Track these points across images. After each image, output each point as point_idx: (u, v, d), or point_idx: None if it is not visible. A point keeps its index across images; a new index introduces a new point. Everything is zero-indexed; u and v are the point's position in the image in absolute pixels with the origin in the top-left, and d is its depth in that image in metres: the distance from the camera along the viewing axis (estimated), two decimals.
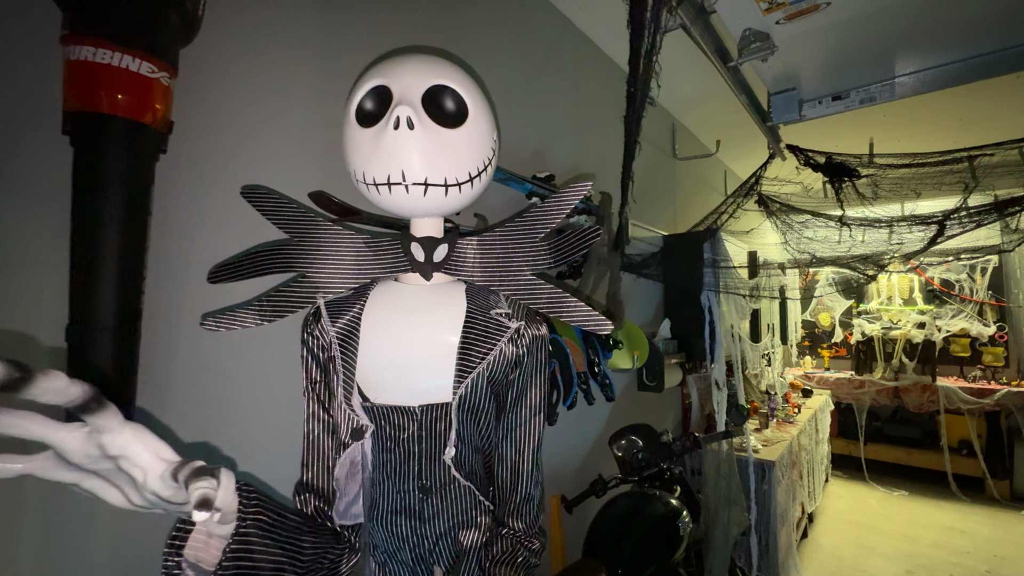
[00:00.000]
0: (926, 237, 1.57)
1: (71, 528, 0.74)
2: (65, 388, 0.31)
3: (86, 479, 0.36)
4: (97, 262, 0.76)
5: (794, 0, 1.00)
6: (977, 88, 2.22)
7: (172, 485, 0.36)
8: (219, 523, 0.46)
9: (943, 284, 4.34)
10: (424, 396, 0.61)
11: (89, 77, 0.72)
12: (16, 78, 0.75)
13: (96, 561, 0.75)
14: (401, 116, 0.52)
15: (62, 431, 0.33)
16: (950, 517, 3.46)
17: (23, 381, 0.29)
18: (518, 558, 0.64)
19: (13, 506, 0.70)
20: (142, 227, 0.80)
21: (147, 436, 0.36)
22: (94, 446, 0.34)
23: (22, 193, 0.74)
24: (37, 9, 0.74)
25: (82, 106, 0.73)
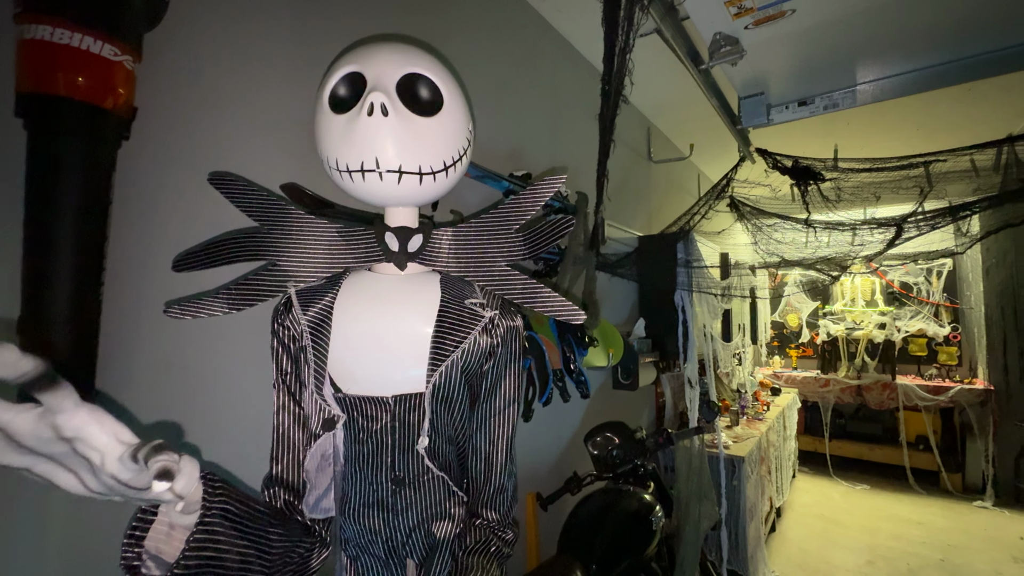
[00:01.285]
0: (885, 239, 1.64)
1: (21, 518, 0.70)
2: (15, 361, 0.29)
3: (38, 463, 0.34)
4: (52, 252, 0.72)
5: (761, 6, 1.04)
6: (934, 97, 2.34)
7: (132, 467, 0.34)
8: (182, 512, 0.44)
9: (902, 287, 4.54)
10: (397, 386, 0.60)
11: (46, 57, 0.69)
12: None
13: (49, 553, 0.72)
14: (375, 102, 0.51)
15: (11, 411, 0.32)
16: (908, 509, 3.61)
17: None
18: (491, 547, 0.64)
19: None
20: (102, 216, 0.77)
21: (104, 417, 0.34)
22: (47, 427, 0.33)
23: None
24: None
25: (37, 88, 0.70)
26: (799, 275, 4.66)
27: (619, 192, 2.47)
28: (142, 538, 0.44)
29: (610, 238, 2.26)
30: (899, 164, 1.48)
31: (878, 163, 1.52)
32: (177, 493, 0.40)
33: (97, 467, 0.34)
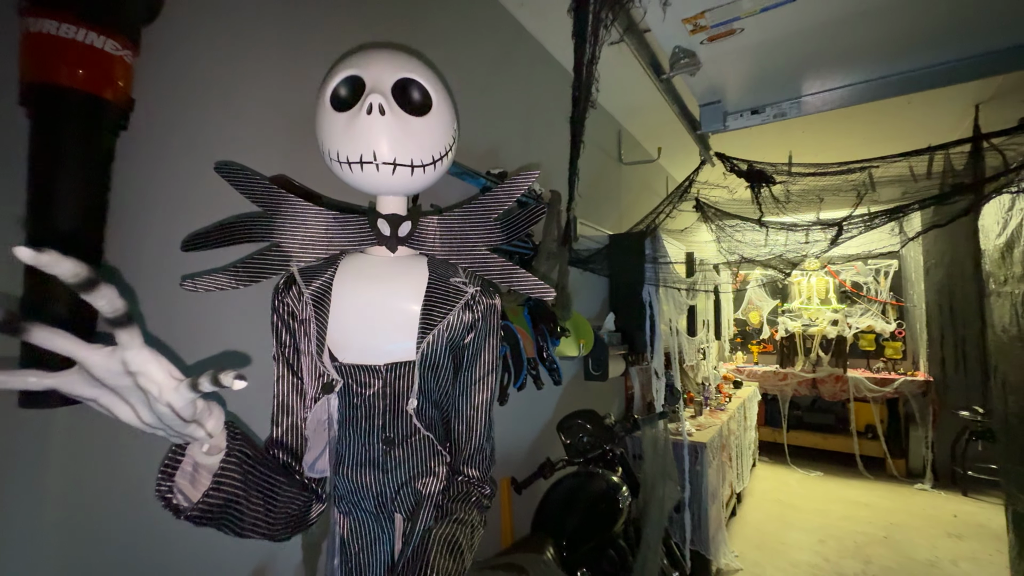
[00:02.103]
0: (828, 238, 1.81)
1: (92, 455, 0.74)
2: (115, 298, 0.35)
3: (104, 395, 0.40)
4: (54, 234, 0.76)
5: (714, 24, 1.15)
6: (878, 108, 2.56)
7: (187, 396, 0.41)
8: (206, 454, 0.51)
9: (854, 286, 4.85)
10: (389, 356, 0.68)
11: (51, 50, 0.73)
12: None
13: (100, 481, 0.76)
14: (374, 103, 0.59)
15: (88, 349, 0.38)
16: (856, 493, 3.87)
17: (92, 284, 0.34)
18: (472, 497, 0.71)
19: None
20: (101, 202, 0.81)
21: (161, 357, 0.40)
22: (117, 362, 0.38)
23: None
24: None
25: (42, 78, 0.74)
26: (760, 274, 4.92)
27: (591, 192, 2.58)
28: (172, 474, 0.50)
29: (582, 235, 2.37)
30: (839, 170, 1.64)
31: (821, 168, 1.68)
32: (208, 431, 0.47)
33: (154, 398, 0.40)
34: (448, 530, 0.65)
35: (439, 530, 0.65)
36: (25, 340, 0.34)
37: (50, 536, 0.76)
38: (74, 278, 0.33)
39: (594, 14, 0.89)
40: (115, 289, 0.36)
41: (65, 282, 0.33)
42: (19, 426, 0.74)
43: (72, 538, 0.78)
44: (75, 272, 0.33)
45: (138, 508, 0.85)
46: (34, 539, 0.75)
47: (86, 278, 0.34)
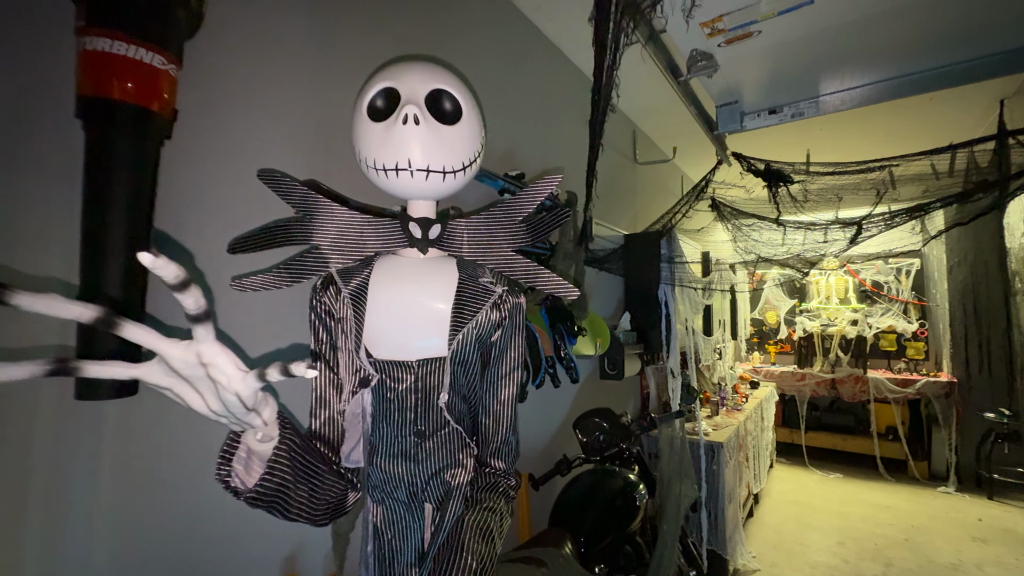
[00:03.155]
0: (847, 237, 1.80)
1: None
2: (200, 298, 0.39)
3: (178, 384, 0.44)
4: (106, 237, 0.81)
5: (731, 27, 1.17)
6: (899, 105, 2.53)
7: (253, 384, 0.45)
8: (260, 441, 0.55)
9: (874, 285, 4.77)
10: (420, 352, 0.71)
11: (104, 66, 0.78)
12: (30, 64, 0.79)
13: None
14: (409, 114, 0.62)
15: (168, 343, 0.42)
16: (877, 495, 3.82)
17: (185, 285, 0.38)
18: (499, 487, 0.75)
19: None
20: (147, 206, 0.86)
21: (229, 351, 0.45)
22: (192, 355, 0.42)
23: (36, 171, 0.79)
24: (45, 1, 0.80)
25: (96, 92, 0.79)
26: (777, 273, 4.86)
27: (606, 192, 2.60)
28: (230, 459, 0.55)
29: (597, 235, 2.39)
30: (858, 168, 1.64)
31: (840, 167, 1.67)
32: (264, 420, 0.51)
33: (223, 387, 0.44)
34: (480, 517, 0.68)
35: (471, 517, 0.68)
36: (118, 335, 0.38)
37: (104, 516, 0.81)
38: (175, 279, 0.37)
39: (615, 22, 0.91)
40: (200, 290, 0.39)
41: (165, 282, 0.37)
42: (76, 416, 0.80)
43: (122, 519, 0.84)
44: (177, 274, 0.37)
45: (180, 493, 0.91)
46: (91, 518, 0.80)
47: (183, 280, 0.38)
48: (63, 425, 0.79)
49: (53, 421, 0.78)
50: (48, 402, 0.78)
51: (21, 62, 0.78)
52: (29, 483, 0.76)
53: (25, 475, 0.75)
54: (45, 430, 0.77)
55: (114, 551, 0.83)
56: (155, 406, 0.87)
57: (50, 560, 0.76)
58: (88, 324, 0.36)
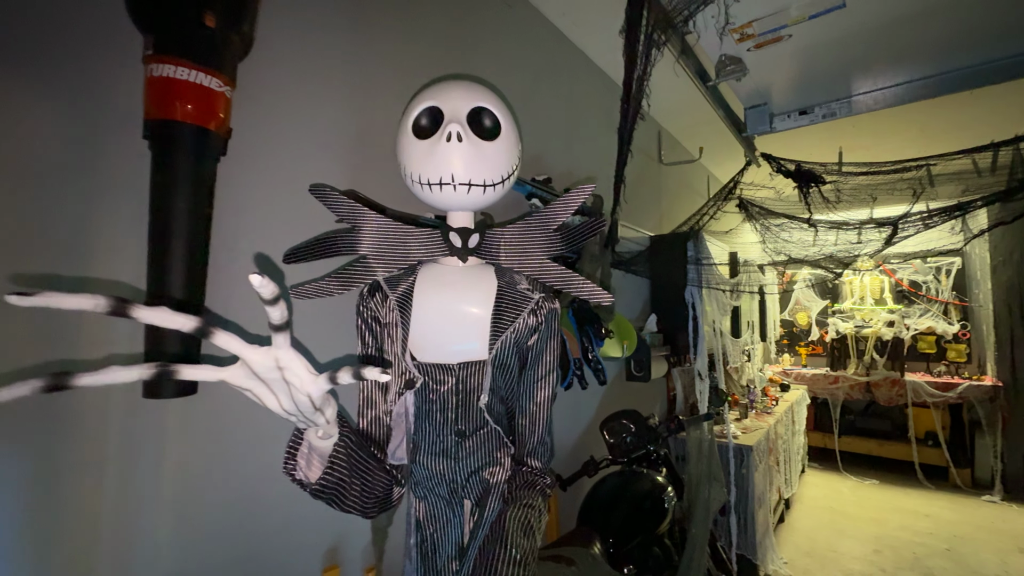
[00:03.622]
0: (883, 238, 1.76)
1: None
2: (284, 310, 0.44)
3: (257, 386, 0.49)
4: (170, 247, 0.88)
5: (761, 32, 1.17)
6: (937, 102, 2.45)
7: (324, 385, 0.50)
8: (320, 438, 0.60)
9: (911, 285, 4.61)
10: (461, 356, 0.75)
11: (169, 91, 0.85)
12: (103, 92, 0.87)
13: None
14: (453, 131, 0.66)
15: (251, 349, 0.47)
16: (916, 503, 3.69)
17: (276, 300, 0.43)
18: (536, 485, 0.78)
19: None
20: (206, 217, 0.93)
21: (302, 357, 0.49)
22: (271, 359, 0.47)
23: (109, 188, 0.86)
24: (119, 34, 0.87)
25: (161, 115, 0.86)
26: (808, 273, 4.75)
27: (631, 193, 2.59)
28: (295, 454, 0.60)
29: (623, 237, 2.39)
30: (893, 168, 1.60)
31: (874, 167, 1.64)
32: (327, 419, 0.56)
33: (296, 389, 0.49)
34: (520, 512, 0.71)
35: (513, 512, 0.72)
36: (212, 341, 0.43)
37: (167, 505, 0.88)
38: (271, 296, 0.42)
39: (646, 35, 0.93)
40: (285, 304, 0.44)
41: (261, 297, 0.42)
42: (144, 412, 0.87)
43: (183, 508, 0.90)
44: (273, 292, 0.42)
45: (234, 485, 0.97)
46: (157, 505, 0.87)
47: (277, 295, 0.42)
48: (132, 421, 0.86)
49: (124, 418, 0.85)
50: (119, 400, 0.85)
51: (96, 90, 0.86)
52: (104, 471, 0.83)
53: (101, 465, 0.82)
54: (117, 425, 0.84)
55: (176, 535, 0.89)
56: (212, 405, 0.93)
57: (123, 540, 0.83)
58: (189, 333, 0.41)
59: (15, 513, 0.72)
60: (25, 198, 0.75)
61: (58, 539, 0.76)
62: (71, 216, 0.81)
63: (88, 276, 0.82)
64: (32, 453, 0.74)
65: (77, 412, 0.80)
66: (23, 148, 0.76)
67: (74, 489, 0.79)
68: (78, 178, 0.82)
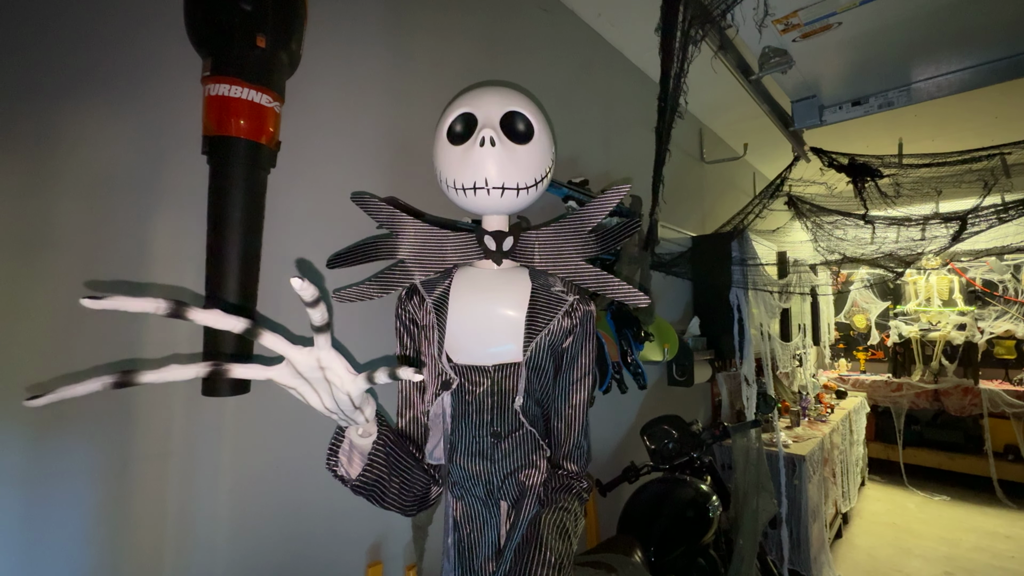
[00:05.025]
0: (949, 234, 1.63)
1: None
2: (325, 312, 0.47)
3: (301, 385, 0.52)
4: (226, 254, 0.94)
5: (808, 21, 1.11)
6: (1008, 89, 2.25)
7: (362, 385, 0.52)
8: (360, 436, 0.63)
9: (985, 285, 4.23)
10: (496, 357, 0.76)
11: (225, 108, 0.91)
12: (165, 111, 0.94)
13: None
14: (486, 136, 0.67)
15: (295, 349, 0.50)
16: (994, 522, 3.38)
17: (317, 302, 0.45)
18: (572, 489, 0.77)
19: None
20: (258, 227, 0.98)
21: (342, 357, 0.52)
22: (313, 359, 0.50)
23: (171, 201, 0.93)
24: (182, 58, 0.94)
25: (218, 131, 0.92)
26: (866, 273, 4.46)
27: (672, 193, 2.54)
28: (337, 451, 0.63)
29: (663, 238, 2.34)
30: (961, 158, 1.48)
31: (938, 158, 1.52)
32: (366, 417, 0.58)
33: (336, 388, 0.52)
34: (556, 516, 0.71)
35: (548, 515, 0.72)
36: (259, 342, 0.46)
37: (225, 497, 0.94)
38: (311, 298, 0.44)
39: (683, 32, 0.91)
40: (326, 306, 0.46)
41: (303, 300, 0.44)
42: (202, 410, 0.93)
43: (239, 500, 0.96)
44: (313, 294, 0.44)
45: (286, 480, 1.02)
46: (215, 499, 0.93)
47: (317, 298, 0.45)
48: (192, 418, 0.92)
49: (185, 414, 0.91)
50: (181, 398, 0.91)
51: (161, 110, 0.93)
52: (168, 464, 0.89)
53: (165, 458, 0.89)
54: (180, 421, 0.91)
55: (232, 525, 0.95)
56: (265, 403, 0.99)
57: (185, 528, 0.89)
58: (239, 333, 0.44)
59: (92, 500, 0.79)
60: (97, 210, 0.83)
61: (128, 526, 0.83)
62: (138, 226, 0.88)
63: (152, 282, 0.88)
64: (104, 446, 0.81)
65: (144, 408, 0.86)
66: (96, 164, 0.83)
67: (142, 480, 0.85)
68: (145, 192, 0.89)
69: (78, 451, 0.78)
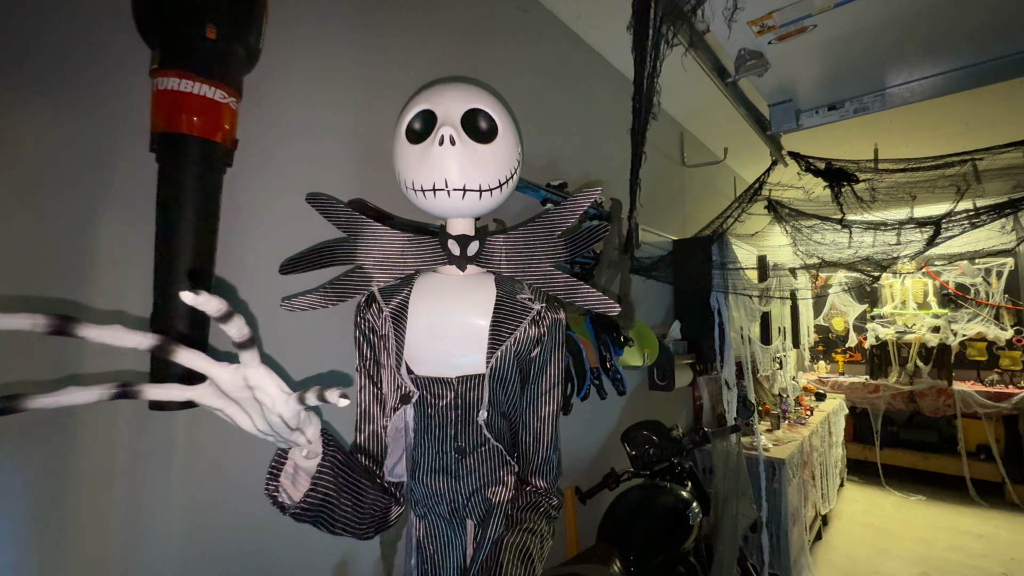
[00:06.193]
0: (923, 238, 1.64)
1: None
2: (243, 326, 0.42)
3: (228, 406, 0.47)
4: (176, 259, 0.88)
5: (783, 23, 1.10)
6: (980, 94, 2.29)
7: (295, 407, 0.47)
8: (306, 457, 0.58)
9: (958, 288, 4.33)
10: (460, 369, 0.72)
11: (174, 104, 0.85)
12: (111, 106, 0.88)
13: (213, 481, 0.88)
14: (445, 135, 0.63)
15: (218, 367, 0.45)
16: (967, 521, 3.44)
17: (228, 316, 0.41)
18: (540, 507, 0.74)
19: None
20: (212, 230, 0.93)
21: (274, 374, 0.47)
22: (240, 378, 0.45)
23: (116, 202, 0.87)
24: (128, 49, 0.88)
25: (167, 128, 0.86)
26: (844, 276, 4.53)
27: (653, 196, 2.53)
28: (278, 475, 0.58)
29: (644, 242, 2.32)
30: (934, 163, 1.49)
31: (913, 163, 1.53)
32: (308, 438, 0.53)
33: (267, 409, 0.47)
34: (519, 539, 0.67)
35: (511, 538, 0.68)
36: (173, 360, 0.41)
37: (176, 518, 0.88)
38: (217, 312, 0.40)
39: (655, 29, 0.89)
40: (243, 319, 0.42)
41: (209, 315, 0.40)
42: (151, 424, 0.87)
43: (192, 521, 0.90)
44: (218, 308, 0.40)
45: (242, 496, 0.96)
46: (164, 520, 0.87)
47: (225, 312, 0.40)
48: (139, 432, 0.86)
49: (132, 430, 0.85)
50: (126, 412, 0.85)
51: (106, 104, 0.87)
52: (113, 485, 0.83)
53: (109, 477, 0.82)
54: (125, 437, 0.85)
55: (184, 548, 0.89)
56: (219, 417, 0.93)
57: (131, 552, 0.83)
58: (147, 351, 0.39)
59: (24, 527, 0.73)
60: (33, 213, 0.77)
61: (66, 552, 0.77)
62: (79, 230, 0.82)
63: (93, 289, 0.82)
64: (38, 466, 0.75)
65: (85, 425, 0.80)
66: (31, 162, 0.77)
67: (81, 501, 0.79)
68: (87, 192, 0.83)
69: (6, 472, 0.72)
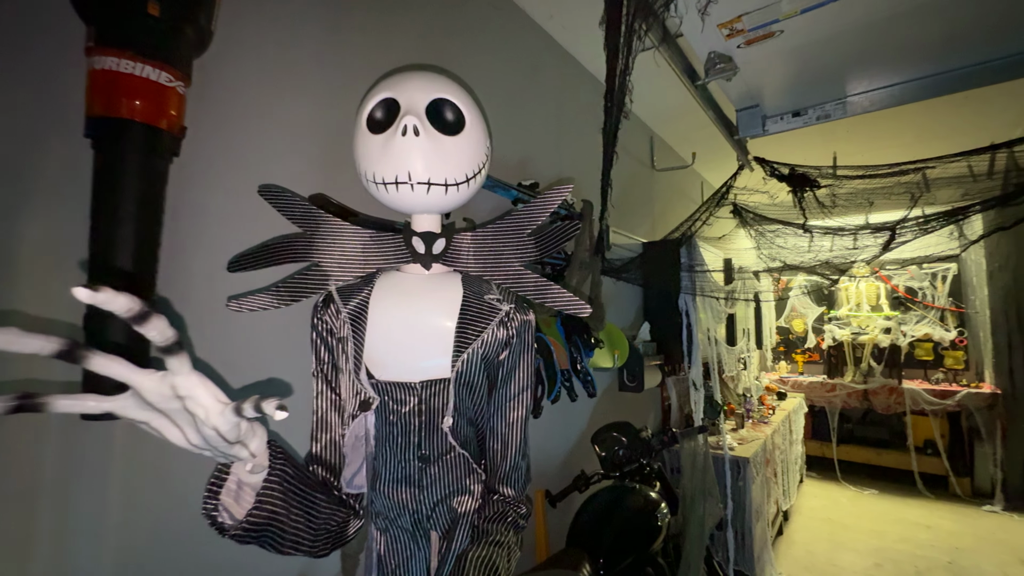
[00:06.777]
0: (880, 243, 1.71)
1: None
2: (165, 328, 0.37)
3: (155, 418, 0.42)
4: (113, 255, 0.81)
5: (751, 27, 1.12)
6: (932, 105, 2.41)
7: (231, 420, 0.43)
8: (250, 472, 0.53)
9: (907, 291, 4.56)
10: (424, 373, 0.68)
11: (112, 85, 0.78)
12: (41, 85, 0.80)
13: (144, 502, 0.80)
14: (408, 124, 0.60)
15: (141, 374, 0.40)
16: (916, 513, 3.62)
17: (144, 316, 0.36)
18: (508, 517, 0.71)
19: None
20: (155, 224, 0.86)
21: (208, 382, 0.42)
22: (167, 387, 0.40)
23: (45, 190, 0.79)
24: (62, 23, 0.80)
25: (104, 112, 0.79)
26: (804, 280, 4.70)
27: (623, 199, 2.55)
28: (218, 492, 0.52)
29: (615, 244, 2.33)
30: (889, 171, 1.55)
31: (870, 170, 1.59)
32: (251, 451, 0.48)
33: (201, 421, 0.42)
34: (485, 552, 0.64)
35: (476, 552, 0.64)
36: (84, 367, 0.36)
37: (112, 536, 0.80)
38: (127, 312, 0.35)
39: (627, 26, 0.88)
40: (165, 320, 0.37)
41: (119, 316, 0.35)
42: (82, 435, 0.79)
43: (131, 538, 0.83)
44: (128, 307, 0.35)
45: (190, 510, 0.89)
46: (97, 539, 0.79)
47: (138, 312, 0.35)
48: (69, 444, 0.78)
49: (60, 441, 0.78)
50: (54, 422, 0.77)
51: (32, 84, 0.79)
52: (37, 503, 0.75)
53: (34, 493, 0.74)
54: (52, 449, 0.77)
55: (121, 566, 0.81)
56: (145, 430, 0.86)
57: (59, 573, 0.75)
58: (52, 357, 0.34)
59: None
60: None
61: None
62: (3, 221, 0.74)
63: (16, 291, 0.74)
64: None
65: (3, 435, 0.72)
66: None
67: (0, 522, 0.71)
68: (7, 180, 0.75)
69: None
